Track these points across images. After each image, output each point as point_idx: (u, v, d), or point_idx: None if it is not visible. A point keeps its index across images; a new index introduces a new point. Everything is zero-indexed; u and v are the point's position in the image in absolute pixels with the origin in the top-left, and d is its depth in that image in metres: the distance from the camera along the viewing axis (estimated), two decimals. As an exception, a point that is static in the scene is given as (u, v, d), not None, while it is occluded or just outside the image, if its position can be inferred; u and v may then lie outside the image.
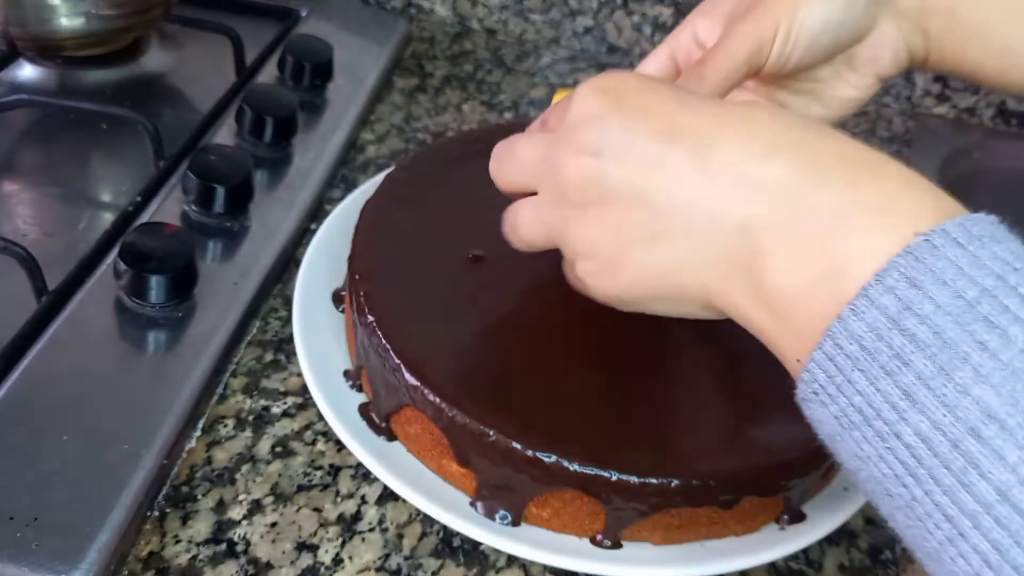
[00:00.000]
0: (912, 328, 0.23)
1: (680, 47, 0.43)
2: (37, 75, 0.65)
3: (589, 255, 0.33)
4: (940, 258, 0.23)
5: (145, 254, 0.46)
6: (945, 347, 0.23)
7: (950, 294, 0.23)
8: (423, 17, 0.84)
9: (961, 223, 0.24)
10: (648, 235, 0.30)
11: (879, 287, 0.24)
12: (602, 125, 0.31)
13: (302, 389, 0.46)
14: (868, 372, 0.24)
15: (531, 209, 0.36)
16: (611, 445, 0.37)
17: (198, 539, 0.39)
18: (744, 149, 0.29)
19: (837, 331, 0.25)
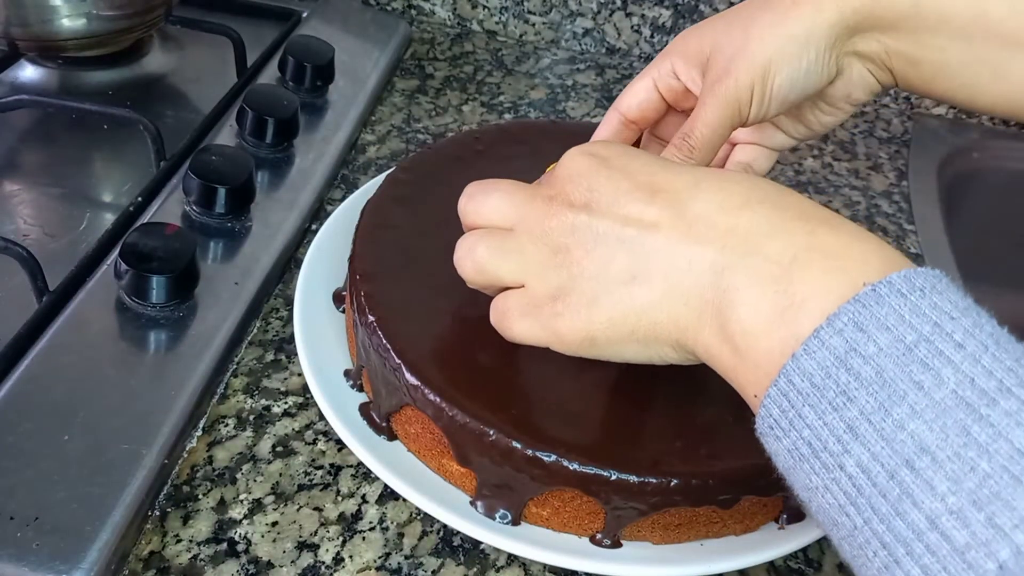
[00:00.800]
0: (857, 367, 0.25)
1: (661, 77, 0.44)
2: (39, 76, 0.66)
3: (567, 294, 0.34)
4: (884, 306, 0.26)
5: (146, 254, 0.46)
6: (885, 385, 0.25)
7: (892, 338, 0.25)
8: (423, 19, 0.84)
9: (906, 275, 0.26)
10: (629, 277, 0.32)
11: (829, 329, 0.26)
12: (590, 181, 0.34)
13: (303, 389, 0.46)
14: (817, 407, 0.26)
15: (498, 240, 0.36)
16: (611, 444, 0.37)
17: (199, 538, 0.39)
18: (719, 202, 0.31)
19: (791, 368, 0.27)
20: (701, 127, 0.41)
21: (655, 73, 0.44)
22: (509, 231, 0.36)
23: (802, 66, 0.40)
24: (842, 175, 0.72)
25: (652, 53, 0.83)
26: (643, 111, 0.45)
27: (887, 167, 0.74)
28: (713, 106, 0.40)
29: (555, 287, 0.34)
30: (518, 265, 0.35)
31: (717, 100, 0.40)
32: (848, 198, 0.69)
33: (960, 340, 0.25)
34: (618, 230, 0.33)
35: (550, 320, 0.35)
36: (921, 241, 0.66)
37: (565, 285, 0.34)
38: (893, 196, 0.71)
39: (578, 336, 0.34)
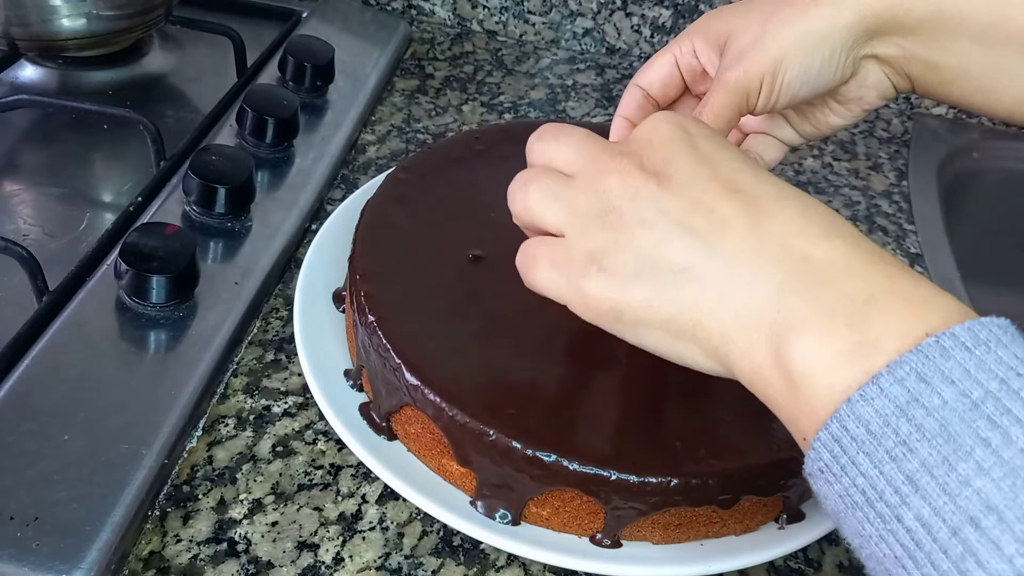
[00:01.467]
0: (919, 419, 0.25)
1: (682, 55, 0.44)
2: (39, 75, 0.66)
3: (607, 258, 0.32)
4: (949, 359, 0.25)
5: (146, 254, 0.46)
6: (950, 439, 0.24)
7: (957, 392, 0.24)
8: (423, 18, 0.84)
9: (970, 327, 0.25)
10: (681, 266, 0.31)
11: (890, 377, 0.25)
12: (669, 153, 0.32)
13: (303, 389, 0.46)
14: (873, 456, 0.25)
15: (554, 183, 0.34)
16: (610, 444, 0.37)
17: (199, 538, 0.39)
18: (799, 226, 0.30)
19: (845, 413, 0.26)
20: (708, 114, 0.41)
21: (676, 50, 0.44)
22: (569, 177, 0.34)
23: (815, 64, 0.40)
24: (842, 175, 0.72)
25: (652, 53, 0.83)
26: (664, 87, 0.45)
27: (887, 167, 0.74)
28: (722, 94, 0.40)
29: (596, 247, 0.32)
30: (565, 214, 0.33)
31: (725, 87, 0.40)
32: (848, 198, 0.69)
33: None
34: (684, 214, 0.31)
35: (580, 279, 0.32)
36: (921, 241, 0.66)
37: (607, 248, 0.32)
38: (893, 196, 0.71)
39: (605, 305, 0.32)
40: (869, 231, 0.66)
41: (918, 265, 0.64)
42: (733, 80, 0.40)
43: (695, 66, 0.44)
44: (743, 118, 0.42)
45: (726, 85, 0.40)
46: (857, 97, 0.43)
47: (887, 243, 0.65)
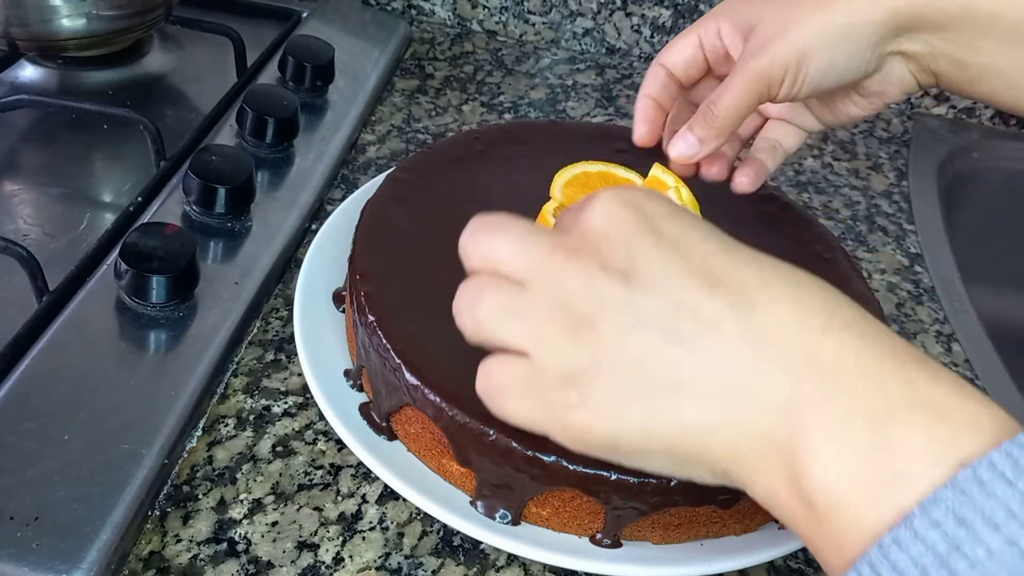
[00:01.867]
0: (963, 573, 0.22)
1: (707, 36, 0.44)
2: (39, 75, 0.66)
3: (587, 383, 0.28)
4: (989, 496, 0.22)
5: (146, 254, 0.46)
6: None
7: (1002, 540, 0.22)
8: (423, 18, 0.84)
9: (1007, 452, 0.23)
10: (675, 382, 0.27)
11: (924, 520, 0.23)
12: (632, 245, 0.28)
13: (303, 389, 0.46)
14: None
15: (505, 295, 0.29)
16: (611, 444, 0.37)
17: (199, 538, 0.39)
18: (797, 320, 0.27)
19: (876, 559, 0.23)
20: (728, 97, 0.40)
21: (701, 31, 0.44)
22: (520, 286, 0.29)
23: (840, 58, 0.40)
24: (842, 175, 0.72)
25: (652, 53, 0.83)
26: (687, 68, 0.45)
27: (887, 167, 0.74)
28: (743, 79, 0.40)
29: (570, 370, 0.28)
30: (525, 331, 0.29)
31: (748, 74, 0.40)
32: (848, 198, 0.69)
33: None
34: (664, 320, 0.27)
35: (561, 410, 0.28)
36: (921, 241, 0.66)
37: (585, 370, 0.28)
38: (893, 196, 0.71)
39: (598, 438, 0.28)
40: (869, 231, 0.66)
41: (918, 265, 0.64)
42: (757, 68, 0.40)
43: (719, 48, 0.44)
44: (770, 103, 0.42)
45: (749, 72, 0.40)
46: (879, 91, 0.43)
47: (887, 243, 0.65)
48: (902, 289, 0.61)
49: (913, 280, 0.62)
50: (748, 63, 0.40)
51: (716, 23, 0.43)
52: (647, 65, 0.82)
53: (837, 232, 0.65)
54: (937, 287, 0.61)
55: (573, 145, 0.52)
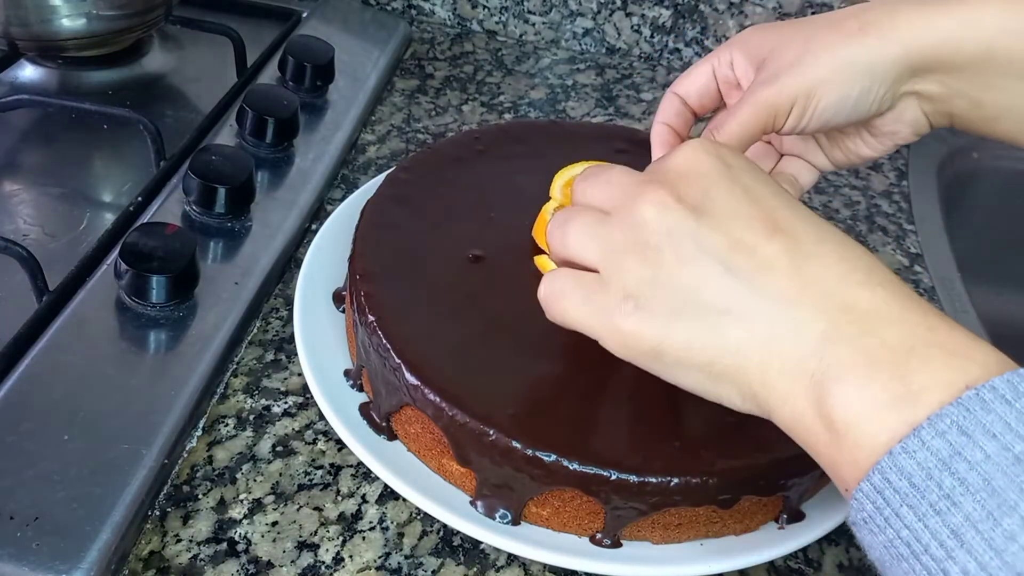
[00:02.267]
0: (963, 472, 0.25)
1: (720, 66, 0.44)
2: (38, 75, 0.66)
3: (645, 296, 0.31)
4: (989, 412, 0.25)
5: (146, 254, 0.46)
6: (994, 494, 0.24)
7: (999, 446, 0.25)
8: (423, 18, 0.84)
9: (1009, 380, 0.26)
10: (724, 307, 0.30)
11: (931, 430, 0.26)
12: (708, 185, 0.32)
13: (303, 388, 0.46)
14: (917, 508, 0.26)
15: (591, 220, 0.34)
16: (610, 444, 0.37)
17: (199, 538, 0.39)
18: (840, 272, 0.30)
19: (887, 466, 0.26)
20: (731, 123, 0.40)
21: (715, 61, 0.44)
22: (606, 214, 0.33)
23: (853, 94, 0.39)
24: (842, 175, 0.72)
25: (652, 53, 0.83)
26: (700, 98, 0.45)
27: (887, 167, 0.74)
28: (750, 107, 0.40)
29: (633, 283, 0.31)
30: (601, 249, 0.33)
31: (755, 103, 0.40)
32: (848, 198, 0.69)
33: None
34: (725, 253, 0.30)
35: (617, 317, 0.32)
36: (921, 241, 0.66)
37: (645, 285, 0.31)
38: (893, 196, 0.71)
39: (645, 345, 0.31)
40: (869, 231, 0.66)
41: (918, 265, 0.64)
42: (764, 97, 0.39)
43: (731, 78, 0.44)
44: (785, 138, 0.42)
45: (756, 101, 0.40)
46: (891, 131, 0.43)
47: (887, 243, 0.65)
48: (902, 289, 0.61)
49: (913, 280, 0.62)
50: (756, 91, 0.40)
51: (729, 53, 0.43)
52: (647, 65, 0.82)
53: (837, 232, 0.65)
54: (937, 287, 0.61)
55: (573, 145, 0.52)
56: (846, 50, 0.39)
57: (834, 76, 0.39)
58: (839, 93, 0.39)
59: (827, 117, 0.40)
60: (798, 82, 0.39)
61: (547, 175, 0.48)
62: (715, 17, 0.80)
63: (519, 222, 0.47)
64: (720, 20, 0.80)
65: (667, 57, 0.83)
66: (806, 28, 0.40)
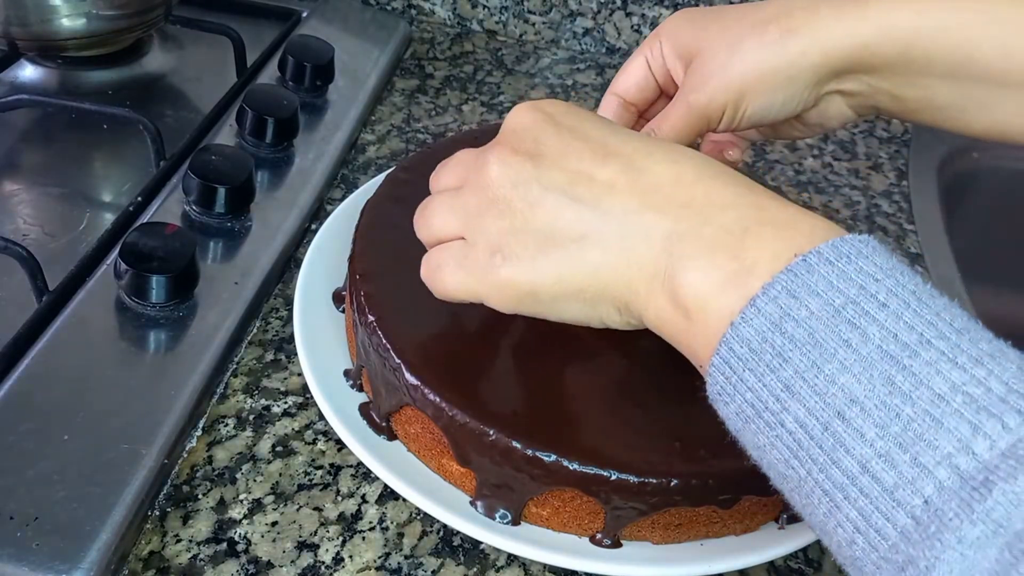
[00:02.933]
0: (791, 330, 0.27)
1: (653, 57, 0.45)
2: (38, 75, 0.66)
3: (509, 245, 0.33)
4: (814, 273, 0.27)
5: (146, 254, 0.46)
6: (817, 345, 0.26)
7: (821, 303, 0.27)
8: (423, 18, 0.84)
9: (833, 244, 0.28)
10: (579, 234, 0.32)
11: (764, 297, 0.28)
12: (537, 134, 0.34)
13: (302, 388, 0.46)
14: (756, 370, 0.28)
15: (447, 197, 0.36)
16: (610, 444, 0.37)
17: (199, 538, 0.39)
18: (674, 175, 0.32)
19: (730, 336, 0.28)
20: (668, 130, 0.42)
21: (648, 53, 0.45)
22: (459, 188, 0.36)
23: (778, 99, 0.41)
24: (842, 175, 0.72)
25: (652, 53, 0.83)
26: (640, 91, 0.46)
27: (887, 167, 0.74)
28: (683, 114, 0.42)
29: (495, 239, 0.34)
30: (460, 218, 0.35)
31: (687, 110, 0.42)
32: (848, 198, 0.69)
33: (883, 300, 0.26)
34: (567, 185, 0.33)
35: (488, 273, 0.34)
36: (921, 241, 0.66)
37: (506, 236, 0.33)
38: (893, 196, 0.71)
39: (520, 290, 0.34)
40: (869, 231, 0.66)
41: (918, 265, 0.64)
42: (696, 104, 0.41)
43: (665, 70, 0.45)
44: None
45: (689, 107, 0.42)
46: (818, 123, 0.45)
47: (887, 243, 0.65)
48: (902, 289, 0.61)
49: (913, 280, 0.62)
50: (688, 97, 0.42)
51: (659, 44, 0.44)
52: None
53: (837, 232, 0.65)
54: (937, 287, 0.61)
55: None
56: (769, 58, 0.40)
57: (759, 85, 0.41)
58: (765, 99, 0.41)
59: (756, 119, 0.42)
60: (726, 88, 0.41)
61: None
62: (715, 17, 0.80)
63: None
64: (720, 20, 0.80)
65: (667, 57, 0.83)
66: (732, 28, 0.42)
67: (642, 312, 0.32)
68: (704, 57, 0.42)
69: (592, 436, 0.38)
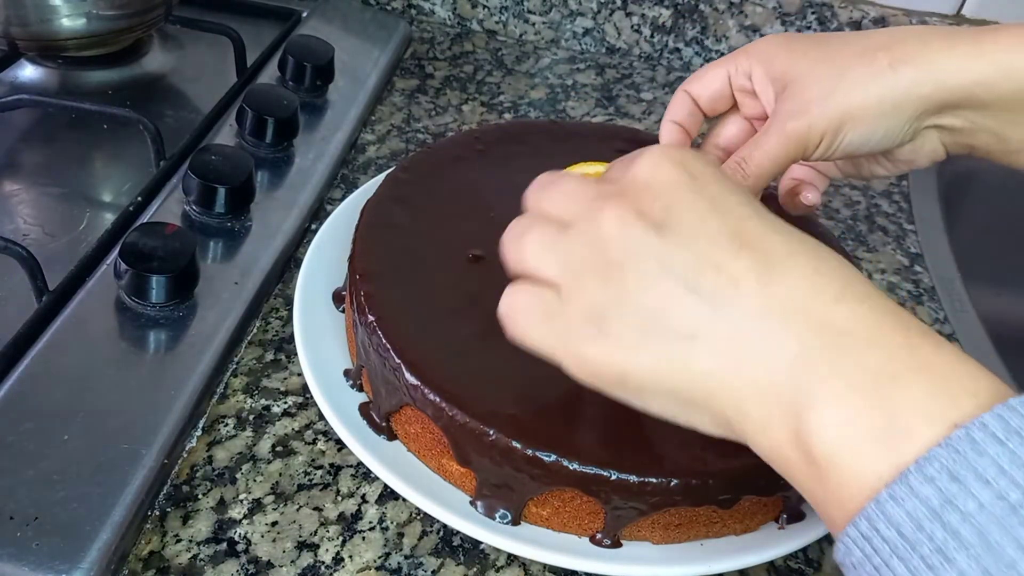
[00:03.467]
0: (955, 524, 0.23)
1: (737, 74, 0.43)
2: (38, 75, 0.66)
3: (607, 319, 0.29)
4: (981, 454, 0.23)
5: (146, 254, 0.46)
6: (989, 550, 0.23)
7: (992, 494, 0.23)
8: (423, 18, 0.84)
9: (1000, 415, 0.24)
10: (689, 332, 0.28)
11: (919, 476, 0.24)
12: (671, 199, 0.30)
13: (302, 388, 0.46)
14: (908, 562, 0.24)
15: (552, 234, 0.32)
16: (610, 444, 0.37)
17: (199, 538, 0.39)
18: (814, 287, 0.28)
19: (874, 514, 0.25)
20: (761, 156, 0.40)
21: (731, 67, 0.43)
22: (565, 226, 0.31)
23: (880, 130, 0.39)
24: (842, 175, 0.72)
25: (652, 53, 0.83)
26: (712, 101, 0.44)
27: (887, 167, 0.74)
28: (780, 141, 0.39)
29: (595, 305, 0.30)
30: (560, 265, 0.31)
31: (786, 137, 0.39)
32: (848, 198, 0.69)
33: None
34: (689, 272, 0.28)
35: (578, 341, 0.30)
36: (921, 241, 0.66)
37: (608, 308, 0.29)
38: (893, 196, 0.71)
39: (609, 371, 0.30)
40: (869, 231, 0.66)
41: (918, 265, 0.64)
42: (794, 131, 0.39)
43: (747, 87, 0.43)
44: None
45: (787, 135, 0.39)
46: (909, 159, 0.43)
47: (887, 243, 0.65)
48: (902, 289, 0.61)
49: (913, 280, 0.62)
50: (786, 124, 0.39)
51: (748, 64, 0.42)
52: (647, 65, 0.82)
53: (837, 232, 0.65)
54: (937, 287, 0.61)
55: (573, 145, 0.52)
56: (877, 88, 0.38)
57: (864, 113, 0.39)
58: (866, 129, 0.39)
59: (853, 149, 0.40)
60: (828, 115, 0.39)
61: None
62: (715, 17, 0.80)
63: (519, 222, 0.47)
64: (720, 20, 0.80)
65: (667, 57, 0.83)
66: (837, 57, 0.39)
67: (749, 436, 0.28)
68: (804, 83, 0.40)
69: (592, 436, 0.38)
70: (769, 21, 0.79)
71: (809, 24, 0.79)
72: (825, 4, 0.78)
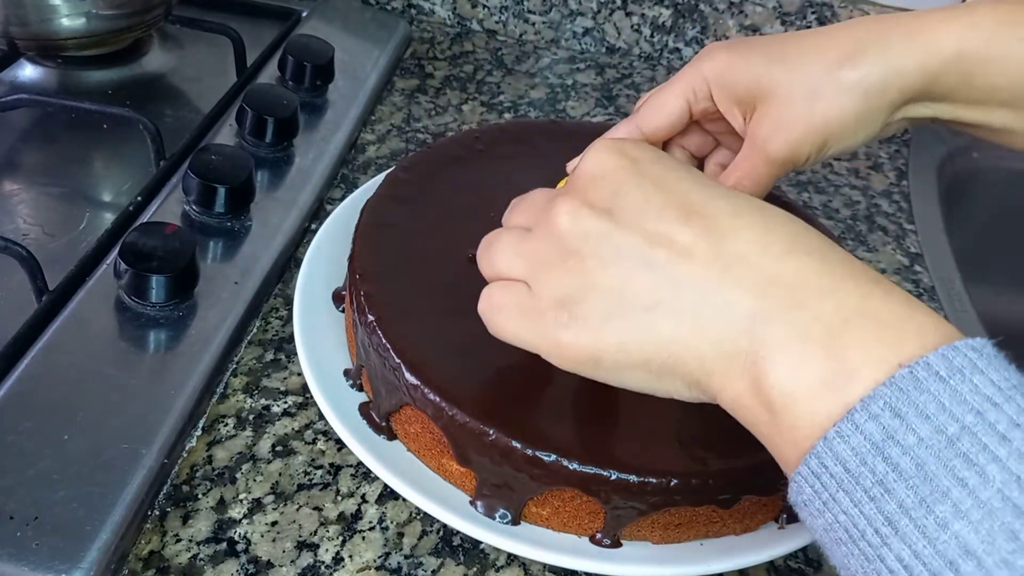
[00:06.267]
0: (895, 457, 0.24)
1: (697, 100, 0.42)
2: (38, 75, 0.66)
3: (575, 304, 0.31)
4: (923, 391, 0.24)
5: (146, 254, 0.46)
6: (926, 480, 0.24)
7: (931, 428, 0.24)
8: (423, 18, 0.84)
9: (943, 354, 0.25)
10: (650, 303, 0.30)
11: (864, 413, 0.25)
12: (616, 186, 0.31)
13: (302, 388, 0.46)
14: (852, 494, 0.25)
15: (515, 239, 0.34)
16: (610, 444, 0.37)
17: (199, 538, 0.39)
18: (762, 244, 0.29)
19: (822, 450, 0.26)
20: (747, 182, 0.40)
21: (689, 94, 0.42)
22: (527, 230, 0.34)
23: (860, 137, 0.40)
24: (842, 175, 0.72)
25: (652, 53, 0.83)
26: (672, 130, 0.43)
27: (887, 167, 0.74)
28: (765, 165, 0.40)
29: (562, 294, 0.31)
30: (527, 264, 0.33)
31: (770, 160, 0.40)
32: (848, 198, 0.69)
33: (1004, 431, 0.23)
34: (643, 248, 0.30)
35: (552, 329, 0.32)
36: (921, 241, 0.66)
37: (575, 294, 0.31)
38: (893, 196, 0.71)
39: (582, 353, 0.31)
40: (869, 231, 0.66)
41: (918, 265, 0.64)
42: (778, 156, 0.39)
43: (709, 109, 0.42)
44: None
45: (770, 159, 0.40)
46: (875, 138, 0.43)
47: (887, 243, 0.65)
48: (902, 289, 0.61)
49: (913, 280, 0.62)
50: (766, 149, 0.40)
51: (705, 84, 0.41)
52: (647, 65, 0.82)
53: (837, 232, 0.65)
54: (937, 287, 0.61)
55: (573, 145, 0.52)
56: (851, 105, 0.39)
57: (843, 130, 0.40)
58: (849, 141, 0.40)
59: (833, 156, 0.41)
60: (809, 142, 0.39)
61: (547, 175, 0.47)
62: (715, 17, 0.80)
63: (519, 222, 0.47)
64: (720, 20, 0.80)
65: (667, 57, 0.83)
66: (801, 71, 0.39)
67: (716, 393, 0.30)
68: (776, 106, 0.40)
69: (592, 436, 0.38)
70: (769, 21, 0.79)
71: (809, 24, 0.79)
72: (825, 4, 0.78)
